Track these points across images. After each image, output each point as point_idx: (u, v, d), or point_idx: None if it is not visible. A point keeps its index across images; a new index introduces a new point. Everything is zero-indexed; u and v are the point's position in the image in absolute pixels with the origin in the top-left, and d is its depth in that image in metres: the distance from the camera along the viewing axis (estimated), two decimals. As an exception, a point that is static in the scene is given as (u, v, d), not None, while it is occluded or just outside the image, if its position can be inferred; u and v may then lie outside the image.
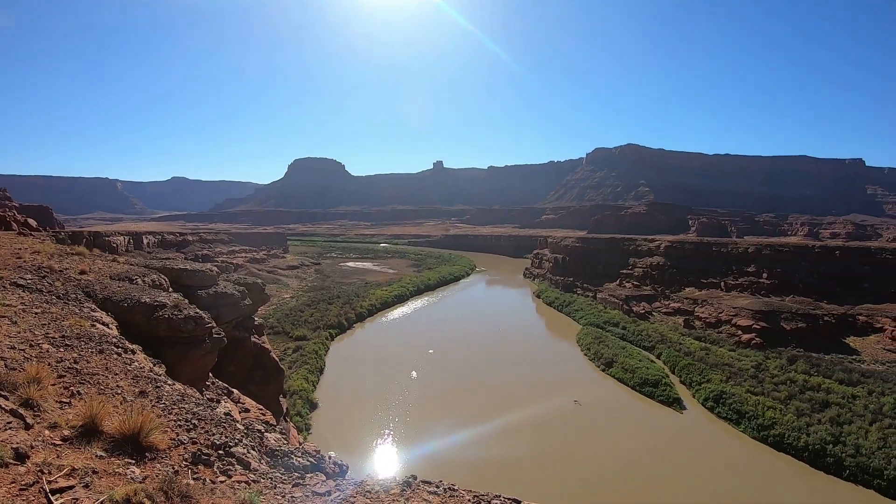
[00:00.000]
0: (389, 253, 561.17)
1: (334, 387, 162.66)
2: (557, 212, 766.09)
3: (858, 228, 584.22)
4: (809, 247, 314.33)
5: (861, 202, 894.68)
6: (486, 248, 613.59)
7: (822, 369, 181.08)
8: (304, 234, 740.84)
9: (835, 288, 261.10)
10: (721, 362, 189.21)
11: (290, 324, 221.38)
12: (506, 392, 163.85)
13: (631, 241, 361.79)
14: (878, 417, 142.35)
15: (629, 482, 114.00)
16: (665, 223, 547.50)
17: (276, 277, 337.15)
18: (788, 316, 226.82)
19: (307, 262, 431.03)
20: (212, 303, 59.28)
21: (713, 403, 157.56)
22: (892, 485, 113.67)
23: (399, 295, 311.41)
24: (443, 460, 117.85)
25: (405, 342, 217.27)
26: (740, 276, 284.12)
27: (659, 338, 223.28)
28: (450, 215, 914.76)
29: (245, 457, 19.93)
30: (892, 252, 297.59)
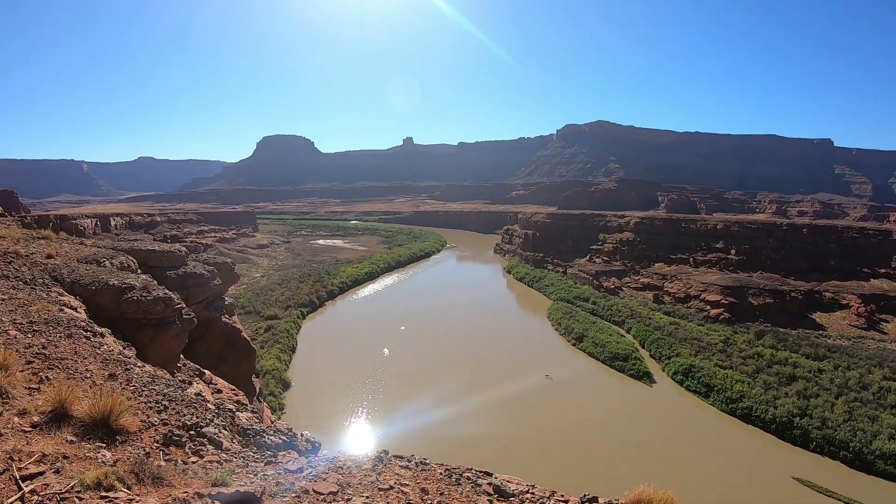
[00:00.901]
0: (360, 230, 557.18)
1: (307, 365, 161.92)
2: (528, 188, 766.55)
3: (826, 207, 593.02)
4: (777, 224, 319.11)
5: (829, 182, 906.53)
6: (457, 225, 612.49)
7: (789, 344, 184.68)
8: (274, 213, 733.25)
9: (802, 264, 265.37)
10: (690, 336, 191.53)
11: (261, 303, 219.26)
12: (477, 367, 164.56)
13: (601, 217, 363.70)
14: (843, 391, 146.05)
15: (601, 455, 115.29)
16: (635, 199, 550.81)
17: (246, 257, 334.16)
18: (756, 291, 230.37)
19: (277, 241, 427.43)
20: (181, 283, 59.96)
21: (682, 377, 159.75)
22: (857, 456, 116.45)
23: (370, 272, 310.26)
24: (416, 436, 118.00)
25: (377, 319, 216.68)
26: (709, 253, 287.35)
27: (629, 313, 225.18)
28: (420, 192, 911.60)
29: (217, 436, 20.06)
30: (858, 230, 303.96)
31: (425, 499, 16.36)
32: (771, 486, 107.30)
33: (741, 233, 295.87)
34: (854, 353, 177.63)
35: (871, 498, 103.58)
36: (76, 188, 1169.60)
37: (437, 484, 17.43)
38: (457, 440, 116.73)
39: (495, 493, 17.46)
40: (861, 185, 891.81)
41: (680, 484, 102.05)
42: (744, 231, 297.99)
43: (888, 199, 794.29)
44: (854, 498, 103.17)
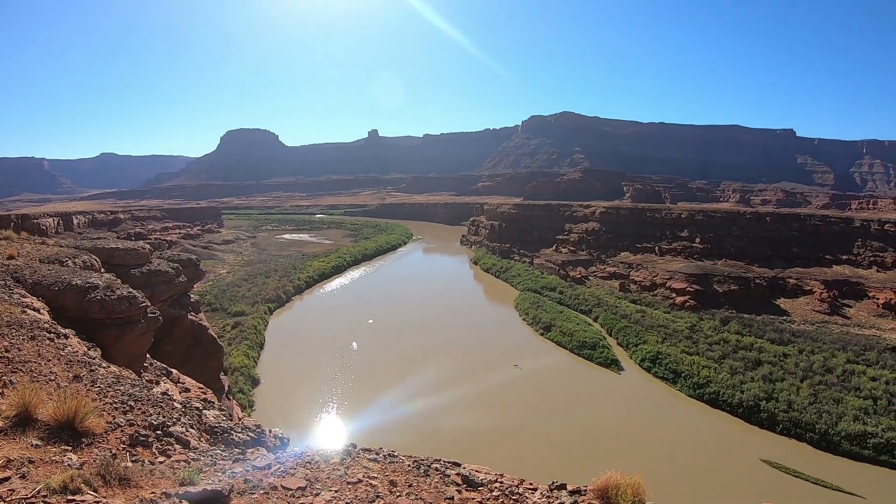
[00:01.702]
0: (326, 224, 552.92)
1: (275, 362, 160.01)
2: (493, 179, 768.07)
3: (789, 196, 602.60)
4: (741, 212, 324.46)
5: (791, 171, 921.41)
6: (423, 217, 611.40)
7: (754, 329, 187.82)
8: (239, 208, 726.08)
9: (766, 252, 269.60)
10: (656, 324, 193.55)
11: (227, 299, 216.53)
12: (446, 359, 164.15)
13: (567, 207, 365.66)
14: (808, 374, 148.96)
15: (570, 443, 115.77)
16: (600, 189, 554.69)
17: (211, 253, 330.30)
18: (721, 279, 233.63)
19: (243, 236, 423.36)
20: (145, 281, 59.51)
21: (650, 364, 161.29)
22: (823, 437, 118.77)
23: (336, 266, 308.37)
24: (387, 429, 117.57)
25: (345, 313, 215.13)
26: (674, 241, 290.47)
27: (596, 301, 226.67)
28: (385, 184, 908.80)
29: (184, 435, 20.01)
30: (820, 218, 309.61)
31: (394, 491, 16.57)
32: (739, 469, 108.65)
33: (706, 221, 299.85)
34: (818, 338, 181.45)
35: (837, 478, 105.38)
36: (37, 186, 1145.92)
37: (406, 476, 17.68)
38: (427, 432, 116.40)
39: (464, 483, 17.73)
40: (823, 174, 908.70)
41: (649, 469, 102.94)
42: (708, 220, 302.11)
43: (850, 187, 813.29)
44: (821, 478, 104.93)
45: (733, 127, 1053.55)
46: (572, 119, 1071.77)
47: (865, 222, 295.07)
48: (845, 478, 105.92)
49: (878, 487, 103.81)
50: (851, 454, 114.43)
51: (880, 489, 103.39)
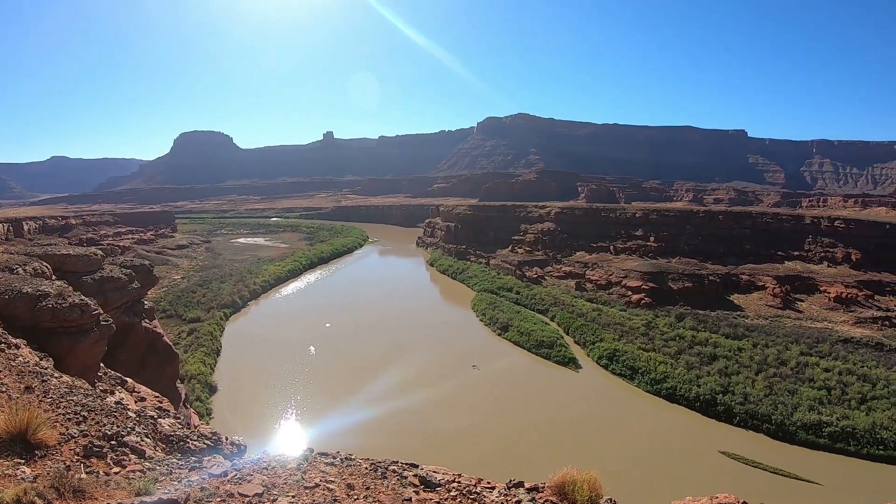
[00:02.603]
0: (281, 227, 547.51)
1: (233, 368, 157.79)
2: (449, 180, 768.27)
3: (740, 194, 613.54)
4: (694, 211, 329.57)
5: (743, 170, 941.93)
6: (379, 219, 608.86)
7: (708, 325, 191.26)
8: (193, 212, 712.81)
9: (718, 249, 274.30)
10: (613, 322, 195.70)
11: (182, 306, 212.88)
12: (405, 360, 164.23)
13: (522, 207, 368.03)
14: (763, 367, 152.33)
15: (529, 441, 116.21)
16: (555, 190, 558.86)
17: (165, 258, 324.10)
18: (675, 276, 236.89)
19: (197, 241, 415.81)
20: (98, 288, 58.71)
21: (607, 361, 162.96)
22: (779, 428, 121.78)
23: (292, 269, 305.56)
24: (347, 433, 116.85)
25: (301, 317, 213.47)
26: (629, 240, 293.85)
27: (552, 301, 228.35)
28: (341, 186, 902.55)
29: (139, 445, 19.87)
30: (771, 216, 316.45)
31: (351, 494, 16.65)
32: (698, 461, 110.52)
33: (659, 220, 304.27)
34: (771, 332, 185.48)
35: (795, 467, 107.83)
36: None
37: (363, 479, 17.81)
38: (386, 434, 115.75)
39: (421, 484, 17.98)
40: (774, 173, 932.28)
41: (608, 464, 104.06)
42: (662, 219, 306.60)
43: (800, 186, 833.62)
44: (779, 467, 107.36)
45: (686, 128, 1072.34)
46: (527, 120, 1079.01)
47: (816, 219, 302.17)
48: (803, 466, 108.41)
49: (834, 474, 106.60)
50: (808, 443, 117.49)
51: (837, 476, 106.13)
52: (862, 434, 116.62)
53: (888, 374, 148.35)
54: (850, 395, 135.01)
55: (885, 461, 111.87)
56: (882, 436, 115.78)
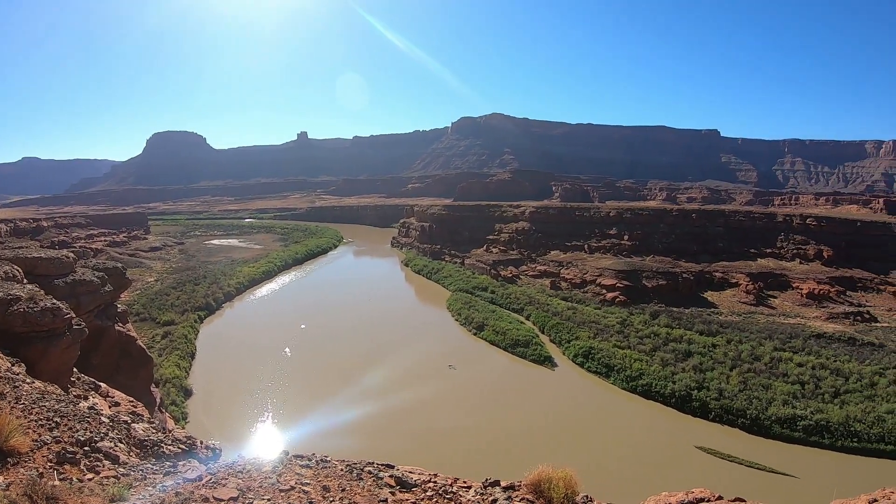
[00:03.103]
0: (255, 228, 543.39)
1: (208, 371, 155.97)
2: (423, 180, 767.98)
3: (713, 193, 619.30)
4: (668, 210, 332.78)
5: (716, 169, 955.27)
6: (353, 219, 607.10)
7: (683, 322, 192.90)
8: (167, 213, 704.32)
9: (692, 247, 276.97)
10: (588, 320, 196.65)
11: (156, 309, 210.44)
12: (381, 361, 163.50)
13: (497, 207, 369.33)
14: (737, 363, 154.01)
15: (506, 440, 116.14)
16: (530, 190, 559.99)
17: (138, 260, 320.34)
18: (649, 274, 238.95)
19: (170, 243, 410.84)
20: (70, 292, 57.59)
21: (583, 359, 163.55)
22: (755, 422, 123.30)
23: (267, 271, 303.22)
24: (324, 435, 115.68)
25: (276, 319, 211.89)
26: (603, 239, 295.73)
27: (527, 300, 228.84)
28: (315, 187, 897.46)
29: (113, 451, 19.76)
30: (744, 214, 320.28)
31: (327, 496, 16.62)
32: (675, 456, 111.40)
33: (633, 219, 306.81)
34: (745, 328, 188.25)
35: (770, 460, 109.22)
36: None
37: (339, 480, 17.75)
38: (364, 435, 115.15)
39: (397, 484, 18.02)
40: (746, 172, 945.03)
41: (585, 461, 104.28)
42: (636, 217, 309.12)
43: (772, 184, 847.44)
44: (755, 461, 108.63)
45: (660, 128, 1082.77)
46: (502, 120, 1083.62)
47: (788, 217, 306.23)
48: (778, 460, 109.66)
49: (809, 467, 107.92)
50: (783, 437, 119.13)
51: (812, 468, 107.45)
52: (836, 427, 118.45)
53: (861, 368, 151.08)
54: (823, 389, 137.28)
55: (859, 453, 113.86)
56: (856, 428, 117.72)
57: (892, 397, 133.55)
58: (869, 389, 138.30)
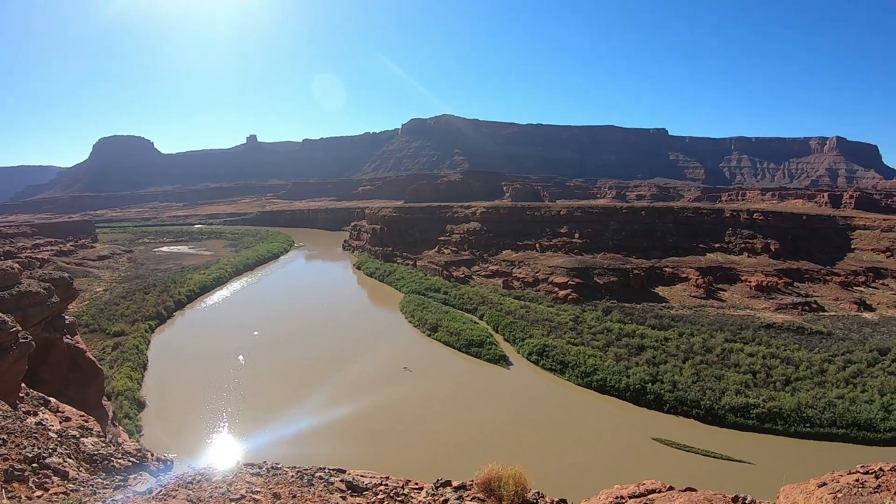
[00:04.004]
0: (205, 234, 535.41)
1: (161, 382, 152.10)
2: (374, 182, 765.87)
3: (662, 191, 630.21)
4: (617, 208, 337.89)
5: (664, 167, 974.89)
6: (304, 223, 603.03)
7: (635, 317, 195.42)
8: (114, 220, 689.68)
9: (642, 244, 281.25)
10: (541, 318, 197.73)
11: (105, 319, 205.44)
12: (335, 366, 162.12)
13: (448, 208, 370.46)
14: (689, 355, 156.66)
15: (462, 440, 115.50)
16: (480, 190, 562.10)
17: (86, 270, 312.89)
18: (601, 271, 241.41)
19: (119, 251, 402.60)
20: (15, 304, 57.32)
21: (537, 357, 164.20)
22: (709, 413, 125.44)
23: (218, 277, 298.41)
24: (281, 442, 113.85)
25: (229, 326, 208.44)
26: (554, 238, 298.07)
27: (480, 300, 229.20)
28: (265, 191, 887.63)
29: (62, 466, 19.41)
30: (693, 211, 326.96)
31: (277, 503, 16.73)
32: (632, 449, 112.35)
33: (584, 217, 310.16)
34: (696, 321, 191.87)
35: (726, 448, 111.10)
36: None
37: (290, 487, 17.82)
38: (320, 441, 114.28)
39: (348, 489, 18.34)
40: (694, 169, 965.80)
41: (542, 457, 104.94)
42: (586, 216, 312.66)
43: (719, 181, 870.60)
44: (711, 450, 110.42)
45: (608, 127, 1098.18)
46: (452, 121, 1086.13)
47: (735, 213, 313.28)
48: (734, 448, 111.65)
49: (765, 453, 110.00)
50: (737, 425, 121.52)
51: (767, 454, 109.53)
52: (788, 414, 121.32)
53: (810, 356, 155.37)
54: (774, 378, 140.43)
55: (812, 438, 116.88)
56: (807, 414, 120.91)
57: (841, 383, 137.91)
58: (819, 376, 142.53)
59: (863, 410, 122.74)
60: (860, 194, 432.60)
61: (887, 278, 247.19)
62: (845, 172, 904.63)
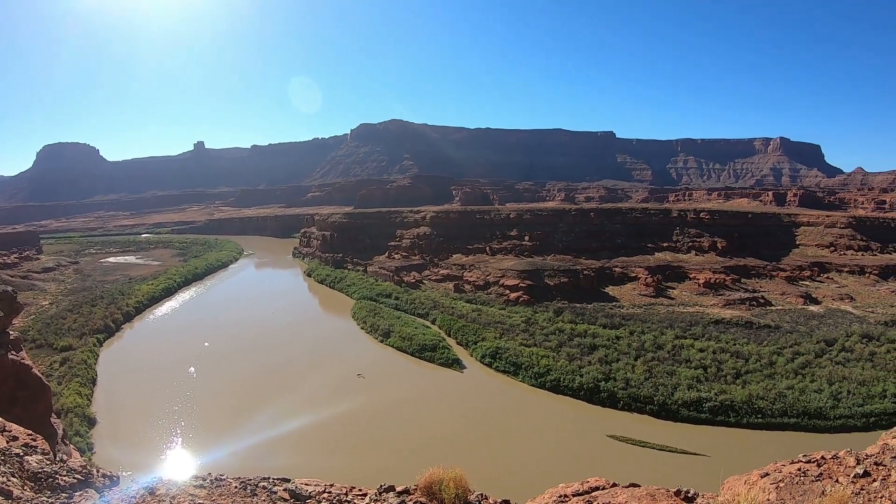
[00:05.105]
0: (152, 244, 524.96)
1: (111, 397, 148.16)
2: (324, 189, 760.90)
3: (610, 192, 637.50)
4: (567, 210, 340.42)
5: (612, 169, 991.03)
6: (254, 230, 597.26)
7: (586, 317, 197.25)
8: (59, 231, 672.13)
9: (592, 245, 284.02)
10: (493, 321, 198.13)
11: (52, 334, 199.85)
12: (288, 374, 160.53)
13: (397, 213, 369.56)
14: (641, 353, 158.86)
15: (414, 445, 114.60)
16: (430, 194, 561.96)
17: (31, 283, 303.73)
18: (551, 273, 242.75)
19: (65, 262, 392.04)
20: None
21: (490, 359, 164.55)
22: (662, 408, 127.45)
23: (166, 288, 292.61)
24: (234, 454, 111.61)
25: (179, 338, 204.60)
26: (504, 240, 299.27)
27: (432, 304, 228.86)
28: (214, 198, 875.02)
29: (5, 486, 18.67)
30: (641, 211, 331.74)
31: None
32: (587, 446, 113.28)
33: (533, 220, 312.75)
34: (647, 319, 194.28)
35: (681, 442, 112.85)
36: None
37: (233, 498, 17.60)
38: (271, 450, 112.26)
39: (291, 497, 18.11)
40: (642, 171, 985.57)
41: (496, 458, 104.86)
42: (536, 218, 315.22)
43: (666, 182, 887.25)
44: (666, 444, 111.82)
45: (557, 130, 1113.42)
46: (401, 126, 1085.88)
47: (682, 212, 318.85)
48: (688, 441, 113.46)
49: (718, 445, 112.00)
50: (690, 419, 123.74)
51: (721, 446, 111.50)
52: (740, 406, 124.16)
53: (759, 350, 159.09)
54: (725, 372, 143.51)
55: (765, 428, 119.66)
56: (759, 405, 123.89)
57: (790, 374, 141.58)
58: (768, 368, 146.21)
59: (812, 399, 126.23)
60: (804, 192, 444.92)
61: (832, 272, 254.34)
62: (789, 171, 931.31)
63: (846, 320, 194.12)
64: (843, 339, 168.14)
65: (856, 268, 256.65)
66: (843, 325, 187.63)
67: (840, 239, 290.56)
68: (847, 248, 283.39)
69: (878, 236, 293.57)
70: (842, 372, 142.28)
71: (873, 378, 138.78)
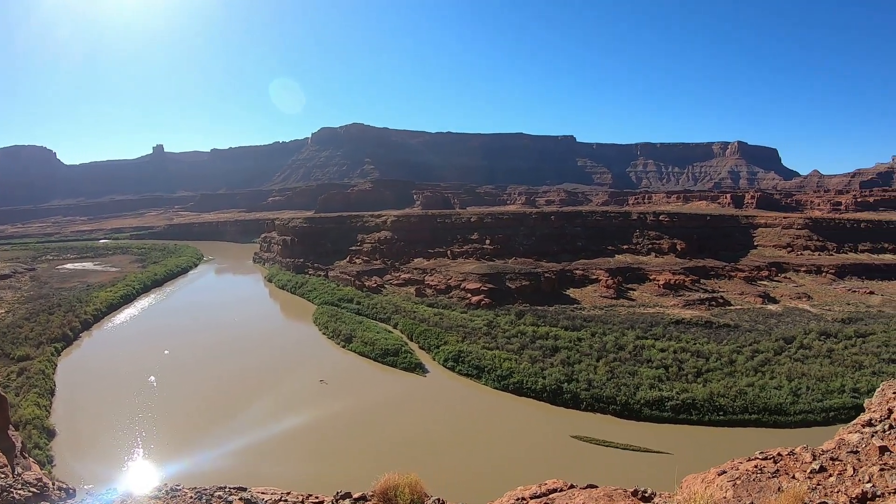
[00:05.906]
0: (111, 249, 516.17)
1: (70, 408, 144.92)
2: (284, 193, 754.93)
3: (571, 195, 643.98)
4: (527, 213, 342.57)
5: (573, 173, 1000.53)
6: (214, 236, 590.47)
7: (548, 319, 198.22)
8: (14, 237, 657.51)
9: (553, 248, 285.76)
10: (455, 324, 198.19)
11: (8, 343, 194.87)
12: (250, 381, 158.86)
13: (358, 217, 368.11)
14: (603, 354, 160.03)
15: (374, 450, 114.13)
16: (391, 199, 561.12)
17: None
18: (513, 276, 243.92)
19: (20, 269, 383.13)
20: None
21: (453, 363, 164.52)
22: (625, 407, 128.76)
23: (125, 295, 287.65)
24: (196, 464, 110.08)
25: (139, 346, 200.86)
26: (465, 244, 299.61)
27: (393, 309, 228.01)
28: (173, 203, 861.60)
29: None
30: (601, 214, 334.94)
31: None
32: (551, 447, 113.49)
33: (494, 224, 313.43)
34: (608, 320, 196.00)
35: (644, 441, 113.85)
36: None
37: None
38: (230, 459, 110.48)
39: None
40: (602, 174, 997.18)
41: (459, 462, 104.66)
42: (497, 222, 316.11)
43: (626, 185, 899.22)
44: (630, 443, 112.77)
45: (517, 134, 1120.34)
46: (362, 130, 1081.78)
47: (642, 215, 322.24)
48: (651, 439, 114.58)
49: (681, 442, 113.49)
50: (653, 418, 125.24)
51: (683, 444, 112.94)
52: (701, 404, 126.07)
53: (719, 349, 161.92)
54: (686, 371, 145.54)
55: (726, 425, 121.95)
56: (720, 403, 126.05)
57: (750, 372, 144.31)
58: (729, 367, 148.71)
59: (773, 396, 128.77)
60: (761, 195, 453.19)
61: (789, 272, 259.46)
62: (747, 174, 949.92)
63: (804, 318, 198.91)
64: (802, 337, 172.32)
65: (812, 267, 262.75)
66: (801, 323, 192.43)
67: (797, 240, 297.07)
68: (804, 249, 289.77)
69: (834, 236, 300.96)
70: (801, 368, 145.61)
71: (832, 374, 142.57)
